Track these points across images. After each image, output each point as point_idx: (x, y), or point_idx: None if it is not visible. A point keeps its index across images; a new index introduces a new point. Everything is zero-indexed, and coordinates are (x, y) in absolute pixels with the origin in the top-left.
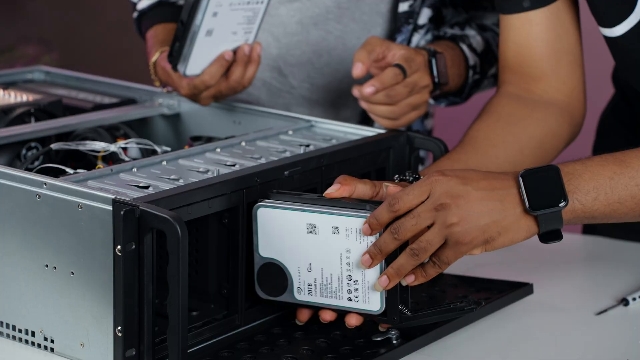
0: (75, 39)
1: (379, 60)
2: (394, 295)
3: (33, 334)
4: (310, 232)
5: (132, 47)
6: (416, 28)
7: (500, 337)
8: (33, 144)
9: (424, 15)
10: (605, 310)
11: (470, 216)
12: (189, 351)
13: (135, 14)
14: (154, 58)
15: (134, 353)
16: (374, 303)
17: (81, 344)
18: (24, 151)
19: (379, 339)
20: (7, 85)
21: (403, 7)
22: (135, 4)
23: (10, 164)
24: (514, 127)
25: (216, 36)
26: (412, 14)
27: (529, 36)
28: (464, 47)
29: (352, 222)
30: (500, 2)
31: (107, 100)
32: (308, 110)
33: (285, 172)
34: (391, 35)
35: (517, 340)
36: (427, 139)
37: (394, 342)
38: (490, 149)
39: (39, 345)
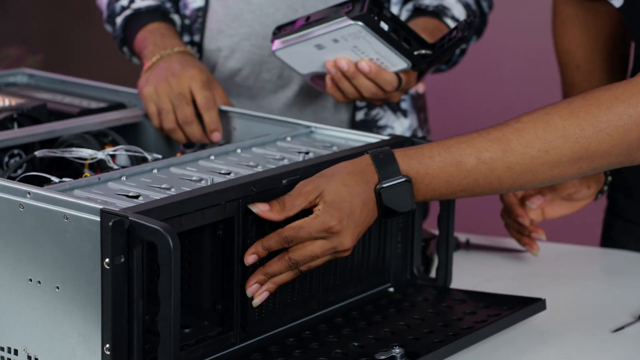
0: (60, 40)
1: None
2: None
3: (16, 352)
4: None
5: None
6: None
7: (510, 356)
8: (16, 151)
9: None
10: (622, 328)
11: (351, 239)
12: None
13: (127, 12)
14: (153, 60)
15: None
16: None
17: None
18: (6, 159)
19: (382, 357)
20: None
21: None
22: (123, 8)
23: None
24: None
25: (318, 53)
26: None
27: None
28: (448, 21)
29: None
30: None
31: (94, 104)
32: (293, 73)
33: (284, 181)
34: None
35: None
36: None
37: None
38: None
39: None
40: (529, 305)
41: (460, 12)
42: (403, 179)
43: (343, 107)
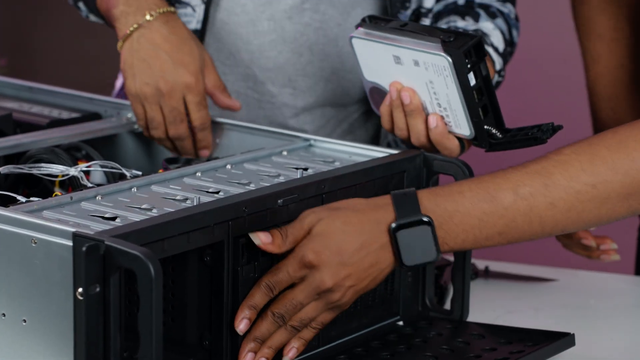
0: (27, 41)
1: None
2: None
3: None
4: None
5: (96, 53)
6: (420, 15)
7: None
8: None
9: None
10: None
11: (350, 287)
12: None
13: None
14: (130, 30)
15: None
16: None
17: None
18: None
19: None
20: None
21: None
22: None
23: None
24: None
25: (393, 67)
26: None
27: None
28: (490, 50)
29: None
30: None
31: (65, 114)
32: (295, 121)
33: (279, 201)
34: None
35: None
36: (447, 160)
37: None
38: None
39: None
40: (555, 341)
41: (499, 40)
42: (424, 218)
43: None
